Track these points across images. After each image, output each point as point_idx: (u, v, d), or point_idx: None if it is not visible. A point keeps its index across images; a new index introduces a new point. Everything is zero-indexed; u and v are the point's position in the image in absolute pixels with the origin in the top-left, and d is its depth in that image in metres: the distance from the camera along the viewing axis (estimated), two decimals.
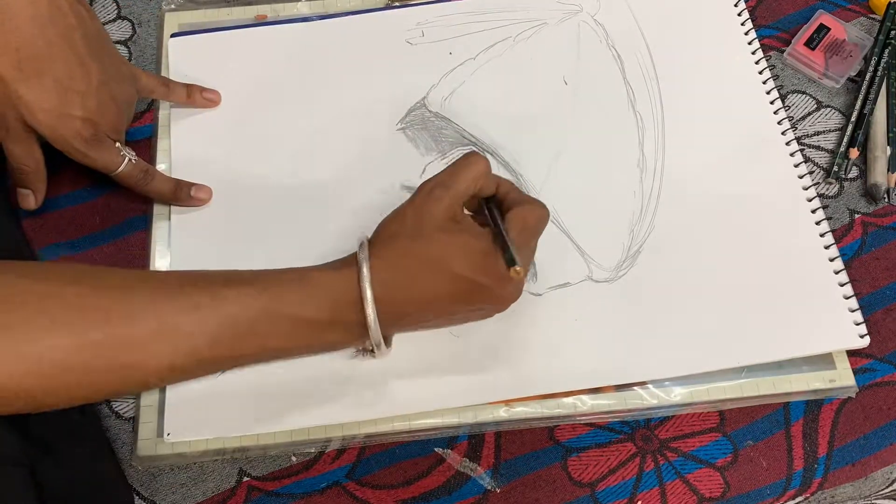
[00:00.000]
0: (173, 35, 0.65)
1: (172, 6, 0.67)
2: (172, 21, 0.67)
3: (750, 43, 0.65)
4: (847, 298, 0.56)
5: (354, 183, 0.60)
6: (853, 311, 0.56)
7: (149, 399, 0.54)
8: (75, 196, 0.61)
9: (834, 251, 0.57)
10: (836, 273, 0.57)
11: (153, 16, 0.68)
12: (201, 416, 0.53)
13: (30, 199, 0.58)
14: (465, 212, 0.49)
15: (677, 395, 0.54)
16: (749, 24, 0.66)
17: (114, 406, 0.55)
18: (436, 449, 0.54)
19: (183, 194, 0.59)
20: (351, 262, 0.46)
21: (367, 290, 0.45)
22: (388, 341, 0.49)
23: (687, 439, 0.55)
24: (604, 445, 0.55)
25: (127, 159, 0.56)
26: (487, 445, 0.54)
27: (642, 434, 0.55)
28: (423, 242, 0.46)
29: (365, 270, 0.45)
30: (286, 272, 0.47)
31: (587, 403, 0.54)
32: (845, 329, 0.55)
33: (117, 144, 0.56)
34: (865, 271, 0.59)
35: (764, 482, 0.54)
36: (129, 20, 0.68)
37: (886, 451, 0.55)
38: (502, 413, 0.54)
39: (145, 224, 0.60)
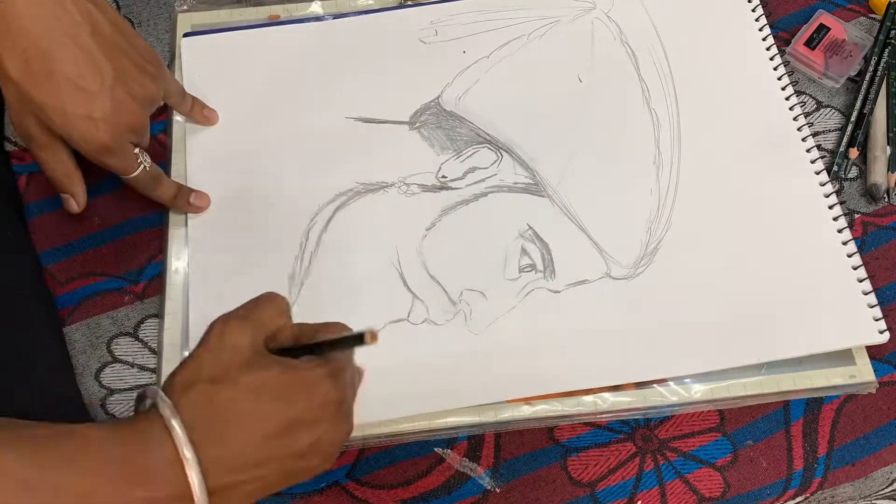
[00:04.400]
0: (186, 35, 0.65)
1: (185, 7, 0.67)
2: (185, 21, 0.67)
3: (764, 39, 0.65)
4: (866, 294, 0.56)
5: (371, 184, 0.60)
6: (872, 306, 0.56)
7: None
8: None
9: (852, 247, 0.57)
10: (855, 269, 0.57)
11: (153, 15, 0.68)
12: None
13: (70, 203, 0.57)
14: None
15: (697, 391, 0.54)
16: (763, 20, 0.66)
17: (120, 411, 0.55)
18: (436, 449, 0.54)
19: (181, 201, 0.58)
20: (137, 420, 0.37)
21: (186, 450, 0.35)
22: None
23: (687, 439, 0.55)
24: (603, 445, 0.55)
25: (142, 167, 0.55)
26: (487, 445, 0.54)
27: (642, 434, 0.55)
28: (231, 388, 0.38)
29: (175, 423, 0.36)
30: (57, 427, 0.37)
31: (608, 401, 0.54)
32: (865, 325, 0.55)
33: (136, 150, 0.55)
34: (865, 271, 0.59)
35: (764, 482, 0.54)
36: (129, 20, 0.68)
37: (886, 451, 0.55)
38: (524, 411, 0.54)
39: (145, 224, 0.60)
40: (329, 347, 0.41)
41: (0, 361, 0.49)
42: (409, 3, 0.67)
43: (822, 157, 0.61)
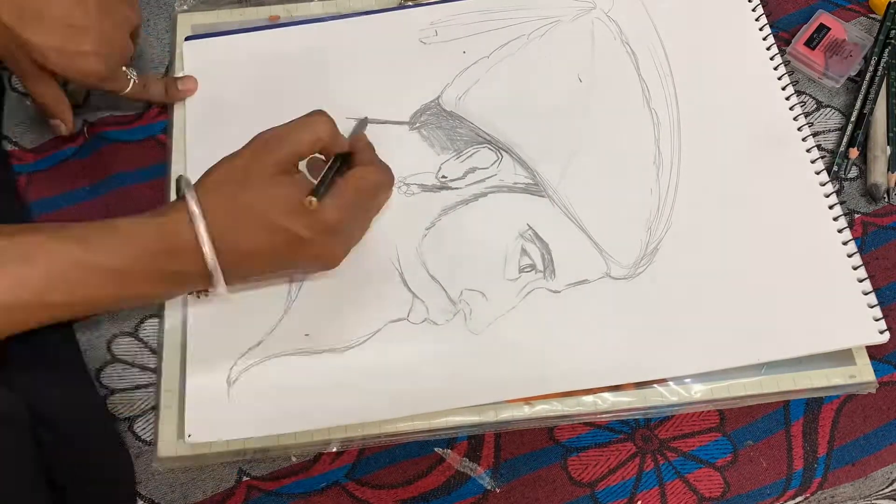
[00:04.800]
0: (188, 38, 0.65)
1: (185, 7, 0.67)
2: (185, 22, 0.67)
3: (765, 39, 0.65)
4: (866, 294, 0.56)
5: None
6: (872, 306, 0.56)
7: (168, 400, 0.54)
8: (75, 196, 0.61)
9: (852, 247, 0.57)
10: (855, 269, 0.57)
11: (153, 15, 0.68)
12: (222, 416, 0.53)
13: (61, 127, 0.60)
14: (303, 170, 0.50)
15: (697, 391, 0.54)
16: (763, 20, 0.66)
17: (120, 411, 0.55)
18: (436, 449, 0.54)
19: (172, 92, 0.62)
20: (171, 210, 0.46)
21: (202, 231, 0.45)
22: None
23: (687, 439, 0.55)
24: (604, 445, 0.55)
25: (132, 81, 0.59)
26: (487, 445, 0.54)
27: (642, 434, 0.55)
28: (248, 192, 0.46)
29: (196, 209, 0.45)
30: (102, 223, 0.46)
31: (608, 401, 0.54)
32: (865, 325, 0.55)
33: (124, 69, 0.58)
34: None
35: (764, 482, 0.54)
36: None
37: (886, 451, 0.55)
38: (524, 411, 0.54)
39: None
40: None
41: (19, 359, 0.49)
42: (410, 3, 0.67)
43: (822, 157, 0.61)
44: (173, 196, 0.53)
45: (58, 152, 0.62)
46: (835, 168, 0.63)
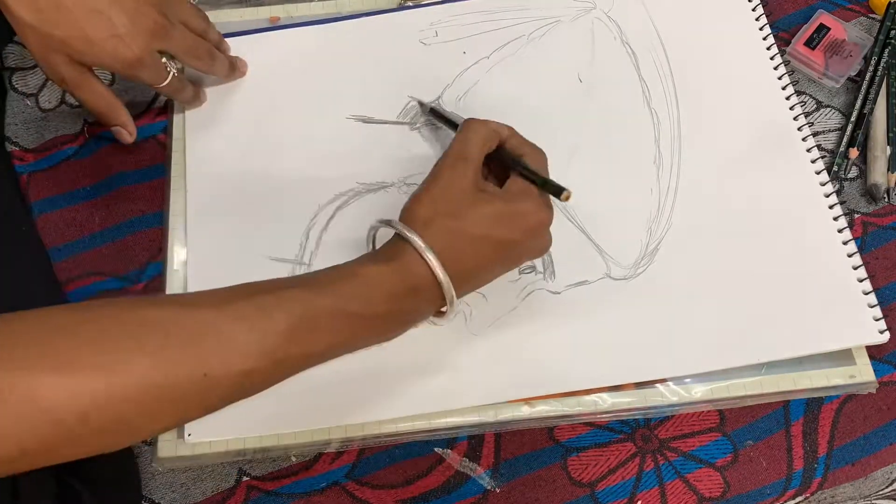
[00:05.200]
0: None
1: None
2: None
3: (765, 39, 0.65)
4: (866, 294, 0.56)
5: (371, 184, 0.60)
6: (872, 306, 0.56)
7: None
8: (75, 196, 0.61)
9: (852, 247, 0.57)
10: (855, 269, 0.57)
11: None
12: (222, 416, 0.52)
13: (123, 134, 0.59)
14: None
15: (697, 391, 0.54)
16: (763, 20, 0.66)
17: None
18: (435, 449, 0.54)
19: (203, 96, 0.62)
20: (401, 250, 0.47)
21: (440, 272, 0.46)
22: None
23: (687, 439, 0.55)
24: (603, 445, 0.55)
25: (171, 73, 0.57)
26: (487, 445, 0.54)
27: (642, 434, 0.55)
28: (463, 222, 0.47)
29: (431, 257, 0.46)
30: (339, 271, 0.47)
31: (608, 401, 0.54)
32: (865, 325, 0.55)
33: (164, 59, 0.56)
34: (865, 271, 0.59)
35: (764, 482, 0.54)
36: None
37: (886, 451, 0.55)
38: (524, 411, 0.54)
39: (145, 224, 0.60)
40: (528, 177, 0.50)
41: None
42: (410, 4, 0.67)
43: (822, 157, 0.61)
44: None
45: (58, 152, 0.62)
46: (835, 168, 0.63)
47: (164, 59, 0.56)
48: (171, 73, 0.57)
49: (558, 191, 0.49)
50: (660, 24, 0.66)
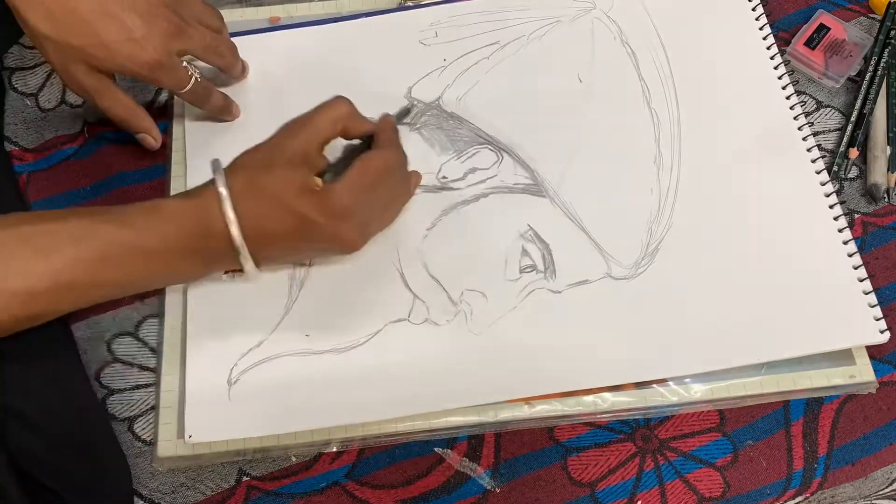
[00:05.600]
0: None
1: None
2: None
3: (765, 39, 0.65)
4: (866, 294, 0.56)
5: None
6: (872, 306, 0.56)
7: (168, 400, 0.54)
8: (75, 196, 0.61)
9: (852, 247, 0.57)
10: (855, 269, 0.57)
11: None
12: (222, 416, 0.53)
13: (148, 140, 0.60)
14: (327, 157, 0.51)
15: (697, 391, 0.54)
16: (763, 20, 0.66)
17: (119, 410, 0.55)
18: (435, 449, 0.54)
19: (234, 109, 0.62)
20: (203, 192, 0.48)
21: (229, 211, 0.47)
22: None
23: (687, 439, 0.55)
24: (603, 445, 0.55)
25: (193, 79, 0.57)
26: (487, 445, 0.54)
27: (642, 434, 0.55)
28: (268, 175, 0.48)
29: (223, 190, 0.47)
30: (144, 204, 0.48)
31: (608, 401, 0.54)
32: (865, 325, 0.55)
33: (184, 63, 0.56)
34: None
35: (764, 482, 0.54)
36: None
37: (886, 451, 0.55)
38: (524, 411, 0.54)
39: None
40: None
41: (17, 358, 0.50)
42: (410, 4, 0.67)
43: (822, 157, 0.61)
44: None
45: (58, 152, 0.62)
46: (835, 168, 0.63)
47: (185, 64, 0.56)
48: (194, 78, 0.56)
49: (321, 174, 0.50)
50: (660, 25, 0.66)
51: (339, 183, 0.49)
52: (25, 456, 0.48)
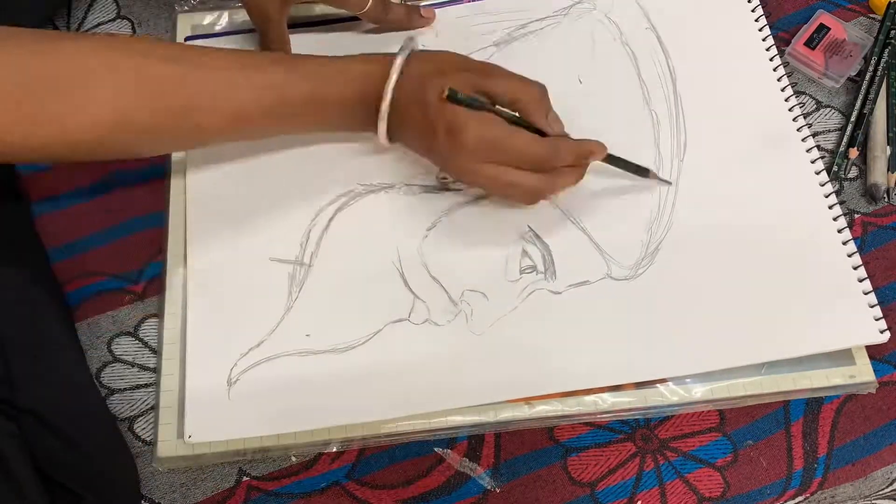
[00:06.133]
0: (188, 38, 0.65)
1: (186, 7, 0.67)
2: (185, 22, 0.66)
3: (764, 39, 0.65)
4: (866, 294, 0.56)
5: (372, 185, 0.60)
6: (872, 306, 0.56)
7: (168, 400, 0.54)
8: (75, 196, 0.61)
9: (852, 247, 0.57)
10: (855, 269, 0.57)
11: (153, 15, 0.68)
12: (222, 416, 0.53)
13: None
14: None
15: (697, 391, 0.54)
16: (763, 21, 0.65)
17: (119, 410, 0.55)
18: (435, 449, 0.54)
19: (415, 18, 0.64)
20: (384, 60, 0.52)
21: (391, 83, 0.51)
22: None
23: (687, 439, 0.55)
24: (603, 445, 0.55)
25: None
26: (487, 445, 0.54)
27: (642, 434, 0.55)
28: (435, 78, 0.51)
29: (400, 62, 0.52)
30: (335, 64, 0.53)
31: (608, 401, 0.54)
32: (865, 325, 0.55)
33: None
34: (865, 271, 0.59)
35: (764, 482, 0.54)
36: (129, 20, 0.68)
37: (886, 451, 0.55)
38: (524, 411, 0.54)
39: (145, 224, 0.60)
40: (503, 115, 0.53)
41: (23, 353, 0.50)
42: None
43: (822, 157, 0.61)
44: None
45: None
46: (835, 168, 0.63)
47: None
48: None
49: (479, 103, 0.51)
50: (659, 26, 0.66)
51: (471, 112, 0.51)
52: (43, 455, 0.48)
